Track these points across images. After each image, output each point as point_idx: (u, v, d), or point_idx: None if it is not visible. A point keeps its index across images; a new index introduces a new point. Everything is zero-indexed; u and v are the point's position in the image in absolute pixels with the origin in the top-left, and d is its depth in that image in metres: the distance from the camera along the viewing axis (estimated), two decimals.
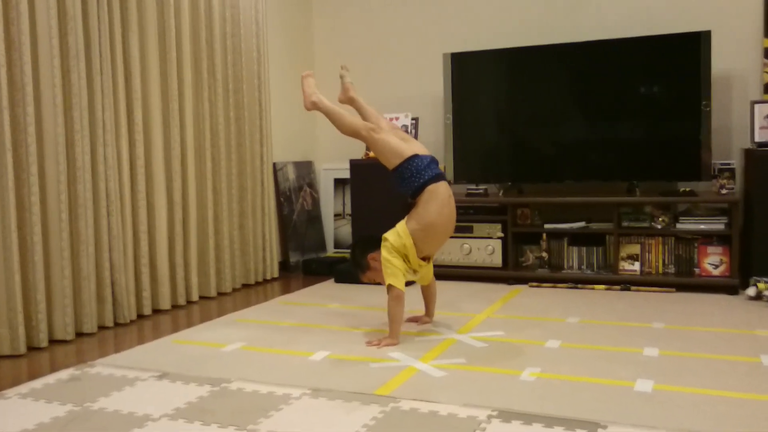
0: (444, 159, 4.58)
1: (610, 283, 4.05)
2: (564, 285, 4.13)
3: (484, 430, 2.02)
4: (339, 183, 5.30)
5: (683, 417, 2.09)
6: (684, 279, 3.94)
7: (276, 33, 4.94)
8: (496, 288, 4.15)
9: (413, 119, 4.68)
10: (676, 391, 2.30)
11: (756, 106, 3.94)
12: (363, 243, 3.19)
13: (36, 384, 2.55)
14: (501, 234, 4.30)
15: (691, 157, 4.03)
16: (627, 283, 4.02)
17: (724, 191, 3.95)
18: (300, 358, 2.80)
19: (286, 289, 4.36)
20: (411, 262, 3.01)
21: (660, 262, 4.07)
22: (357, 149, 4.71)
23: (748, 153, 3.98)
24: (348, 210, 5.16)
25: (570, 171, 4.35)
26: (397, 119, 4.62)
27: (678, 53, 4.05)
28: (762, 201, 3.79)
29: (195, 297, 4.03)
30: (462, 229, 4.22)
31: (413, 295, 3.43)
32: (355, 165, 4.55)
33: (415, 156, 3.01)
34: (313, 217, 5.27)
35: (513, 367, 2.59)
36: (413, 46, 5.04)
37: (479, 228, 4.34)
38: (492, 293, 4.00)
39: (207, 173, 4.13)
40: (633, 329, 3.13)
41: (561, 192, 4.37)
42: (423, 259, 3.07)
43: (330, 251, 5.34)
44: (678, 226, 4.02)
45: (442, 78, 4.63)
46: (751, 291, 3.65)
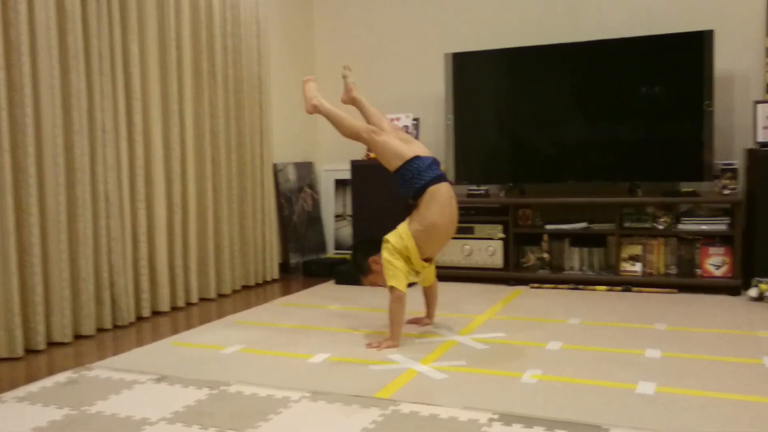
0: (445, 159, 4.57)
1: (611, 284, 4.03)
2: (565, 286, 4.11)
3: None
4: (339, 184, 5.29)
5: (686, 420, 2.07)
6: (686, 280, 3.93)
7: (277, 33, 4.92)
8: (497, 289, 4.14)
9: (414, 119, 4.66)
10: (678, 394, 2.28)
11: (759, 106, 3.92)
12: (364, 246, 3.17)
13: (33, 387, 2.53)
14: (502, 235, 4.28)
15: (694, 158, 4.01)
16: (628, 284, 4.00)
17: (726, 192, 3.93)
18: (299, 360, 2.78)
19: (286, 291, 4.34)
20: (413, 263, 2.99)
21: (662, 262, 4.05)
22: (358, 150, 4.70)
23: (750, 153, 3.96)
24: (349, 211, 5.14)
25: (571, 171, 4.33)
26: (398, 119, 4.60)
27: (680, 53, 4.03)
28: (764, 201, 3.77)
29: (194, 299, 4.01)
30: (463, 230, 4.20)
31: (414, 297, 3.41)
32: (356, 166, 4.54)
33: (417, 157, 2.99)
34: (314, 218, 5.25)
35: (514, 369, 2.58)
36: (414, 46, 5.02)
37: (480, 229, 4.33)
38: (493, 294, 3.98)
39: (207, 174, 4.11)
40: (635, 330, 3.11)
41: (562, 193, 4.35)
42: (425, 261, 3.05)
43: (330, 252, 5.33)
44: (680, 226, 4.00)
45: (443, 78, 4.62)
46: (753, 292, 3.63)
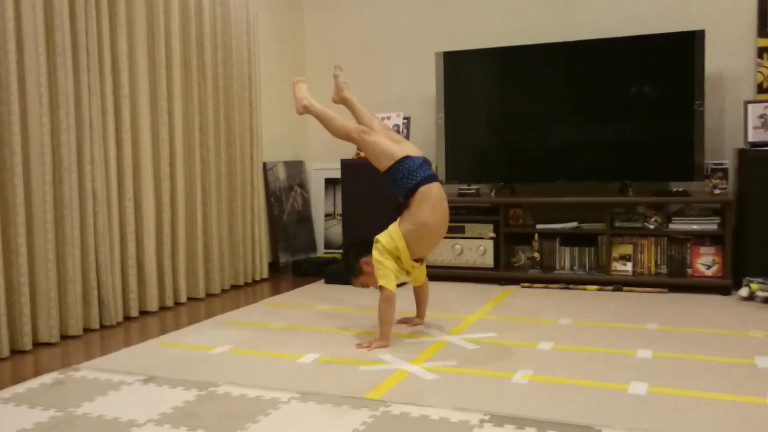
0: (436, 159, 4.55)
1: (602, 284, 4.03)
2: (556, 286, 4.10)
3: None
4: (330, 183, 5.26)
5: (678, 420, 2.06)
6: (676, 279, 3.93)
7: (267, 31, 4.89)
8: (487, 289, 4.12)
9: (405, 118, 4.64)
10: (670, 394, 2.27)
11: (749, 106, 3.93)
12: (355, 248, 3.15)
13: (19, 388, 2.50)
14: (493, 234, 4.27)
15: (684, 157, 4.01)
16: (619, 284, 4.00)
17: (717, 191, 3.93)
18: (289, 360, 2.76)
19: (275, 291, 4.31)
20: (403, 263, 2.98)
21: (652, 262, 4.05)
22: (348, 149, 4.67)
23: (741, 153, 3.96)
24: (339, 210, 5.12)
25: (562, 171, 4.33)
26: (389, 118, 4.58)
27: (671, 53, 4.03)
28: (755, 201, 3.78)
29: (183, 298, 3.98)
30: (454, 230, 4.18)
31: (404, 296, 3.39)
32: (346, 165, 4.52)
33: (407, 157, 2.98)
34: (304, 218, 5.23)
35: (505, 370, 2.56)
36: (405, 45, 5.00)
37: (471, 228, 4.31)
38: (484, 294, 3.97)
39: (196, 173, 4.08)
40: (626, 330, 3.10)
41: (553, 192, 4.35)
42: (416, 261, 3.03)
43: (320, 252, 5.30)
44: (671, 226, 4.00)
45: (434, 77, 4.60)
46: (744, 291, 3.63)
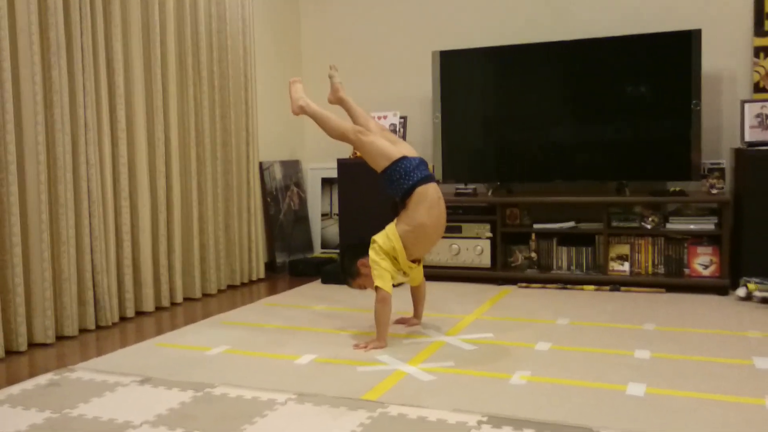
0: (432, 158, 4.54)
1: (599, 284, 4.02)
2: (553, 285, 4.10)
3: None
4: (326, 182, 5.25)
5: (677, 421, 2.05)
6: (674, 279, 3.92)
7: (263, 30, 4.87)
8: (484, 289, 4.11)
9: (401, 118, 4.63)
10: (669, 395, 2.26)
11: (746, 105, 3.92)
12: (352, 249, 3.14)
13: (14, 390, 2.48)
14: (490, 234, 4.26)
15: (681, 157, 4.01)
16: (616, 284, 3.99)
17: (714, 191, 3.93)
18: (285, 361, 2.75)
19: (272, 291, 4.30)
20: (400, 264, 2.97)
21: (650, 262, 4.04)
22: (344, 148, 4.65)
23: (738, 152, 3.96)
24: (335, 210, 5.10)
25: (559, 170, 4.32)
26: (385, 118, 4.57)
27: (668, 52, 4.02)
28: (752, 201, 3.77)
29: (179, 299, 3.96)
30: (451, 229, 4.17)
31: (402, 297, 3.38)
32: (343, 164, 4.50)
33: (404, 158, 2.97)
34: (300, 217, 5.21)
35: (503, 371, 2.55)
36: (402, 43, 4.99)
37: (468, 228, 4.30)
38: (481, 294, 3.96)
39: (192, 172, 4.06)
40: (624, 331, 3.09)
41: (550, 192, 4.34)
42: (413, 262, 3.02)
43: (317, 252, 5.29)
44: (668, 226, 3.99)
45: (430, 76, 4.58)
46: (741, 291, 3.63)
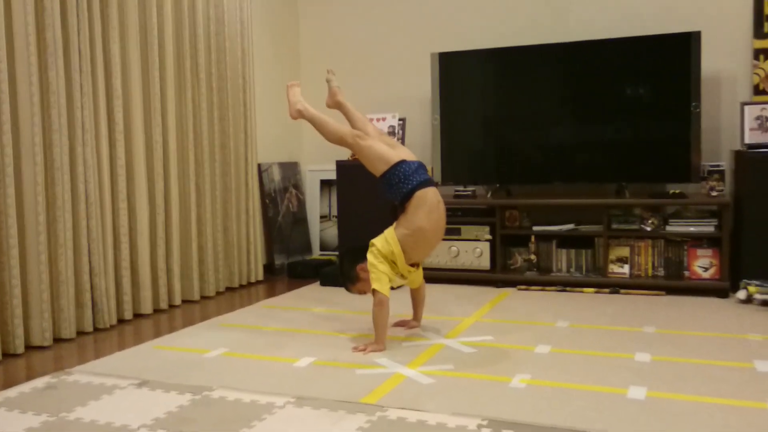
0: (431, 160, 4.53)
1: (599, 286, 4.01)
2: (553, 288, 4.08)
3: None
4: (325, 184, 5.23)
5: (678, 425, 2.04)
6: (674, 282, 3.91)
7: (261, 32, 4.86)
8: (484, 291, 4.10)
9: (400, 119, 4.62)
10: (670, 399, 2.25)
11: (746, 107, 3.91)
12: (351, 254, 3.12)
13: (10, 393, 2.46)
14: (489, 236, 4.25)
15: (681, 159, 4.00)
16: (616, 286, 3.98)
17: (713, 193, 3.92)
18: (284, 364, 2.73)
19: (270, 293, 4.28)
20: (399, 267, 2.95)
21: (649, 264, 4.03)
22: (343, 150, 4.64)
23: (737, 155, 3.95)
24: (334, 212, 5.09)
25: (558, 173, 4.31)
26: (384, 119, 4.56)
27: (667, 54, 4.02)
28: (752, 203, 3.76)
29: (177, 301, 3.94)
30: (450, 231, 4.14)
31: (401, 299, 3.37)
32: (342, 166, 4.49)
33: (403, 161, 2.95)
34: (299, 219, 5.19)
35: (503, 374, 2.54)
36: (401, 45, 4.98)
37: (467, 230, 4.29)
38: (480, 296, 3.95)
39: (190, 174, 4.04)
40: (624, 333, 3.08)
41: (549, 194, 4.33)
42: (412, 266, 3.01)
43: (316, 254, 5.27)
44: (667, 228, 3.98)
45: (429, 78, 4.57)
46: (742, 294, 3.61)
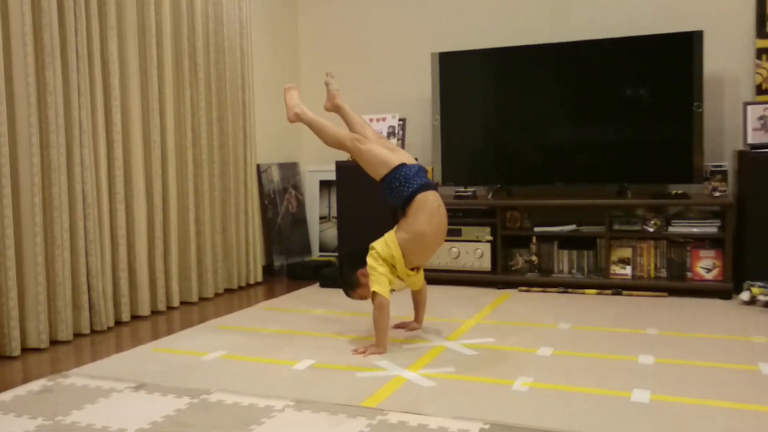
0: (432, 160, 4.50)
1: (601, 288, 3.98)
2: (554, 289, 4.05)
3: None
4: (324, 185, 5.20)
5: (683, 429, 2.00)
6: (676, 283, 3.88)
7: (260, 32, 4.83)
8: (485, 292, 4.07)
9: (400, 120, 4.59)
10: (674, 402, 2.22)
11: (748, 107, 3.89)
12: (351, 259, 3.09)
13: (6, 396, 2.43)
14: (490, 237, 4.22)
15: (683, 159, 3.97)
16: (618, 288, 3.95)
17: (716, 194, 3.89)
18: (283, 367, 2.70)
19: (269, 294, 4.25)
20: (398, 271, 2.93)
21: (652, 266, 4.00)
22: (342, 151, 4.62)
23: (740, 155, 3.92)
24: (334, 213, 5.06)
25: (560, 173, 4.28)
26: (384, 120, 4.53)
27: (670, 54, 3.99)
28: (755, 204, 3.73)
29: (176, 303, 3.91)
30: (450, 233, 4.07)
31: (402, 301, 3.34)
32: (341, 167, 4.46)
33: (403, 165, 2.93)
34: (298, 220, 5.16)
35: (504, 377, 2.51)
36: (401, 45, 4.95)
37: (468, 231, 4.26)
38: (481, 298, 3.92)
39: (188, 175, 4.01)
40: (626, 335, 3.05)
41: (551, 194, 4.30)
42: (412, 269, 2.98)
43: (315, 255, 5.24)
44: (670, 229, 3.95)
45: (430, 78, 4.54)
46: (745, 295, 3.59)
